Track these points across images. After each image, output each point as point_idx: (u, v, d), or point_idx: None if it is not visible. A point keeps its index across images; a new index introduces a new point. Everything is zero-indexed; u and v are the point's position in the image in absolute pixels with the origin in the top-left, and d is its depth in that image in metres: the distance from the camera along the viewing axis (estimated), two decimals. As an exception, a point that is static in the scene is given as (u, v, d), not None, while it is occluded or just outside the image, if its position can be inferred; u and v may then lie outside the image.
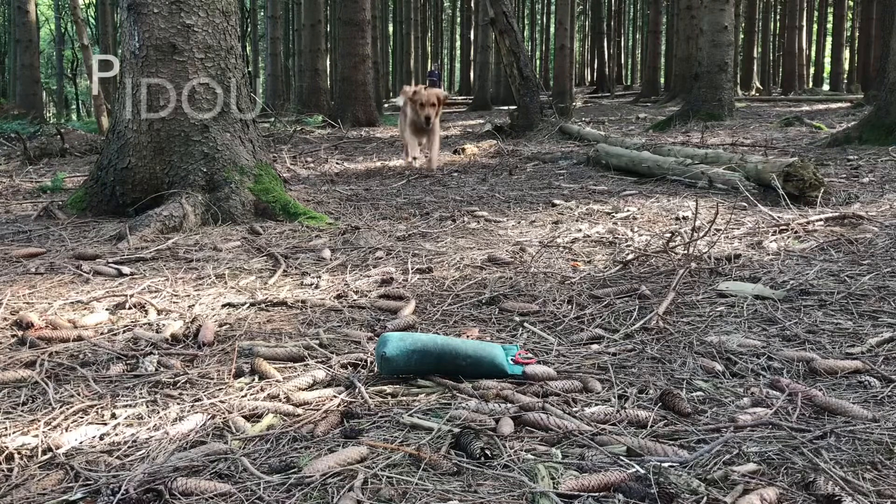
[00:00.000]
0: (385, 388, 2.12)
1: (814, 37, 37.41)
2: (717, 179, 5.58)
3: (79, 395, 2.09)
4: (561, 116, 12.74)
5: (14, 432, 1.85)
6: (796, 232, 4.04)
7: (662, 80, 30.79)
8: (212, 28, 4.84)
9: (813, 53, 37.54)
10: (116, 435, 1.85)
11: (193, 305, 2.98)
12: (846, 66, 34.20)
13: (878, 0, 23.71)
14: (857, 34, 31.48)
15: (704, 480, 1.54)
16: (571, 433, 1.78)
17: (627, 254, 3.75)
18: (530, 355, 2.33)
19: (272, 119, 14.13)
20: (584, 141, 9.85)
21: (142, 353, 2.42)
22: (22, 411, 1.98)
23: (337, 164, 8.38)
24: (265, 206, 4.82)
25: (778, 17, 38.56)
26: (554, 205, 5.31)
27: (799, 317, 2.70)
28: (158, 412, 1.97)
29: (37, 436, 1.82)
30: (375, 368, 2.23)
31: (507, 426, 1.82)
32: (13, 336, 2.56)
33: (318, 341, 2.52)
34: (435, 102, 7.29)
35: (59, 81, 38.54)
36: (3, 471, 1.67)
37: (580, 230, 4.39)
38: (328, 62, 24.14)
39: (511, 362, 2.24)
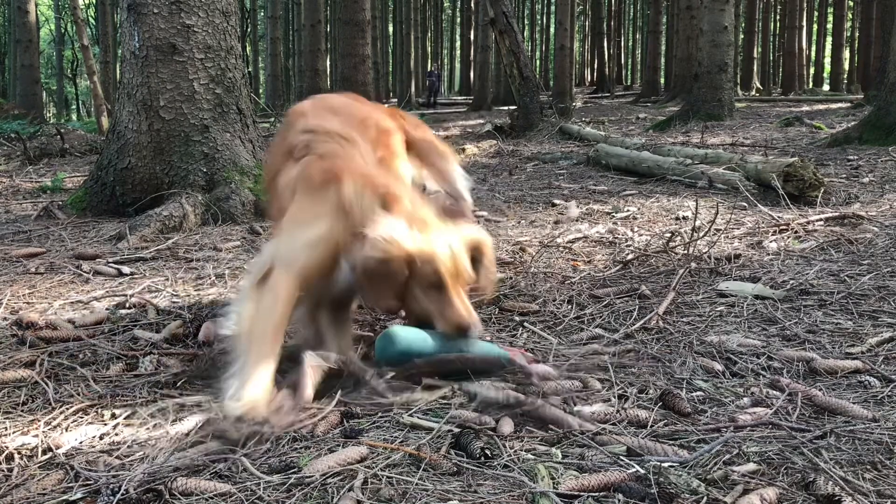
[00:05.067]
0: (385, 387, 2.11)
1: (814, 37, 37.43)
2: (717, 179, 5.58)
3: (78, 395, 2.08)
4: (561, 116, 12.74)
5: (14, 432, 1.85)
6: (796, 232, 4.04)
7: (662, 81, 30.78)
8: (212, 28, 4.84)
9: (813, 54, 37.55)
10: (116, 435, 1.85)
11: (193, 305, 2.97)
12: (846, 67, 34.22)
13: (878, 0, 23.72)
14: (857, 34, 31.52)
15: (704, 480, 1.54)
16: (571, 433, 1.78)
17: (627, 254, 3.74)
18: (530, 355, 2.32)
19: (272, 119, 14.13)
20: (584, 141, 9.86)
21: (142, 352, 2.42)
22: (22, 411, 1.98)
23: (337, 164, 8.37)
24: (265, 206, 4.82)
25: (778, 17, 38.57)
26: (554, 205, 5.31)
27: (799, 317, 2.69)
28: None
29: (37, 436, 1.82)
30: (375, 368, 2.22)
31: (507, 426, 1.82)
32: (13, 336, 2.56)
33: (318, 341, 2.51)
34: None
35: (59, 81, 38.56)
36: (3, 471, 1.67)
37: (580, 230, 4.38)
38: (328, 62, 24.14)
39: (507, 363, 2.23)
